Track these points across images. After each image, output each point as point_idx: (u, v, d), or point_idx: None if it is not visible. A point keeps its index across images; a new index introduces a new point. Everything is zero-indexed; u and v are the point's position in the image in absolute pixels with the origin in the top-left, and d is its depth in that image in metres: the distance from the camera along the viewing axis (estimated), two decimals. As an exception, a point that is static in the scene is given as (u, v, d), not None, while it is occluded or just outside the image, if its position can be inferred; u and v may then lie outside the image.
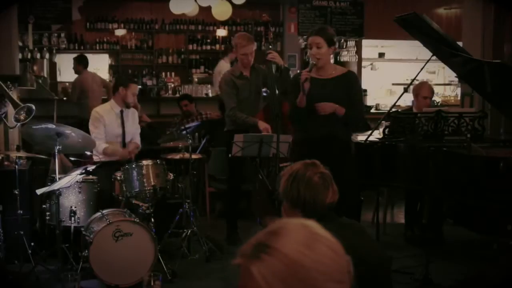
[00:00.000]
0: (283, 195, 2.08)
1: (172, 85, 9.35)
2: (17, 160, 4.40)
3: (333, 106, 3.92)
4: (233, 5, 7.58)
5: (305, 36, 9.79)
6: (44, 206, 4.36)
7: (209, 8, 7.67)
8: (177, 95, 8.92)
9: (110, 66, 9.52)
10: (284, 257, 0.99)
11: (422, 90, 5.13)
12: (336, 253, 1.05)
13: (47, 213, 4.31)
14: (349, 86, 4.01)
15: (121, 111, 4.86)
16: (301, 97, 3.91)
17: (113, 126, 4.85)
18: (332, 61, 4.13)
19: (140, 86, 9.19)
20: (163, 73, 9.53)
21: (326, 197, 2.05)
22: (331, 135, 3.99)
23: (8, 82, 4.46)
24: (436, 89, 10.55)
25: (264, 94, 5.46)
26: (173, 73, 9.55)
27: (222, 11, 7.65)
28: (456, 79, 8.65)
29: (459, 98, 8.07)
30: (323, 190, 2.04)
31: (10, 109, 4.32)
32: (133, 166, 4.46)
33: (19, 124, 4.19)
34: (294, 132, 4.31)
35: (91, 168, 4.30)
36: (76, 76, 7.76)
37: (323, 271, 1.00)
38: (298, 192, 2.03)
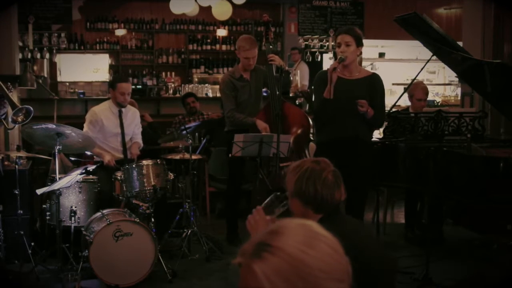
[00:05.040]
0: (295, 193, 2.08)
1: (172, 85, 9.35)
2: (17, 160, 4.39)
3: (368, 106, 3.91)
4: (233, 5, 7.58)
5: (305, 36, 9.82)
6: (44, 206, 4.36)
7: (209, 8, 7.67)
8: (178, 95, 8.92)
9: (110, 66, 9.52)
10: (286, 256, 1.00)
11: (415, 92, 5.09)
12: (336, 252, 1.05)
13: (47, 213, 4.32)
14: (372, 88, 4.01)
15: (119, 111, 4.86)
16: (328, 88, 3.90)
17: (111, 125, 4.85)
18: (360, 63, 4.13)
19: (140, 86, 9.24)
20: (163, 73, 9.54)
21: (340, 194, 2.09)
22: (355, 136, 3.98)
23: (8, 83, 4.45)
24: (436, 89, 10.58)
25: (264, 94, 5.46)
26: (173, 73, 9.55)
27: (222, 11, 7.65)
28: (456, 79, 8.65)
29: (459, 98, 8.06)
30: (337, 188, 2.08)
31: (10, 110, 4.31)
32: (133, 166, 4.46)
33: (16, 125, 4.18)
34: (317, 134, 4.30)
35: (91, 168, 4.31)
36: None
37: (325, 270, 1.01)
38: (315, 191, 2.04)
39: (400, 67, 10.62)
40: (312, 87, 4.44)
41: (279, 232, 1.04)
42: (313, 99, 4.38)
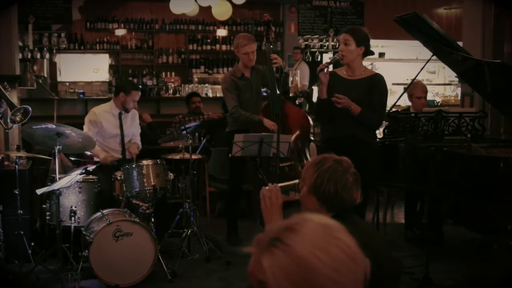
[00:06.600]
0: (313, 190, 2.04)
1: (172, 85, 9.36)
2: (17, 160, 4.39)
3: (349, 101, 3.90)
4: (233, 5, 7.59)
5: (305, 36, 9.82)
6: (44, 206, 4.36)
7: (209, 8, 7.67)
8: (178, 95, 8.93)
9: (110, 66, 9.53)
10: (296, 257, 0.96)
11: (414, 91, 5.12)
12: (352, 259, 1.00)
13: (47, 213, 4.31)
14: (373, 88, 4.00)
15: (120, 113, 4.86)
16: (320, 88, 3.95)
17: (111, 126, 4.85)
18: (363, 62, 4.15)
19: (140, 86, 9.23)
20: (163, 73, 9.54)
21: (357, 196, 2.06)
22: (353, 135, 3.97)
23: (5, 83, 4.45)
24: (436, 89, 10.57)
25: (264, 94, 5.46)
26: (173, 73, 9.55)
27: (222, 11, 7.65)
28: (456, 79, 8.65)
29: (459, 98, 8.06)
30: (355, 189, 2.05)
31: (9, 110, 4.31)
32: (133, 166, 4.46)
33: (14, 125, 4.18)
34: (320, 132, 4.37)
35: (91, 168, 4.31)
36: None
37: (334, 278, 0.96)
38: (335, 192, 2.01)
39: (400, 67, 10.62)
40: (313, 87, 4.50)
41: (296, 230, 1.00)
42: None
